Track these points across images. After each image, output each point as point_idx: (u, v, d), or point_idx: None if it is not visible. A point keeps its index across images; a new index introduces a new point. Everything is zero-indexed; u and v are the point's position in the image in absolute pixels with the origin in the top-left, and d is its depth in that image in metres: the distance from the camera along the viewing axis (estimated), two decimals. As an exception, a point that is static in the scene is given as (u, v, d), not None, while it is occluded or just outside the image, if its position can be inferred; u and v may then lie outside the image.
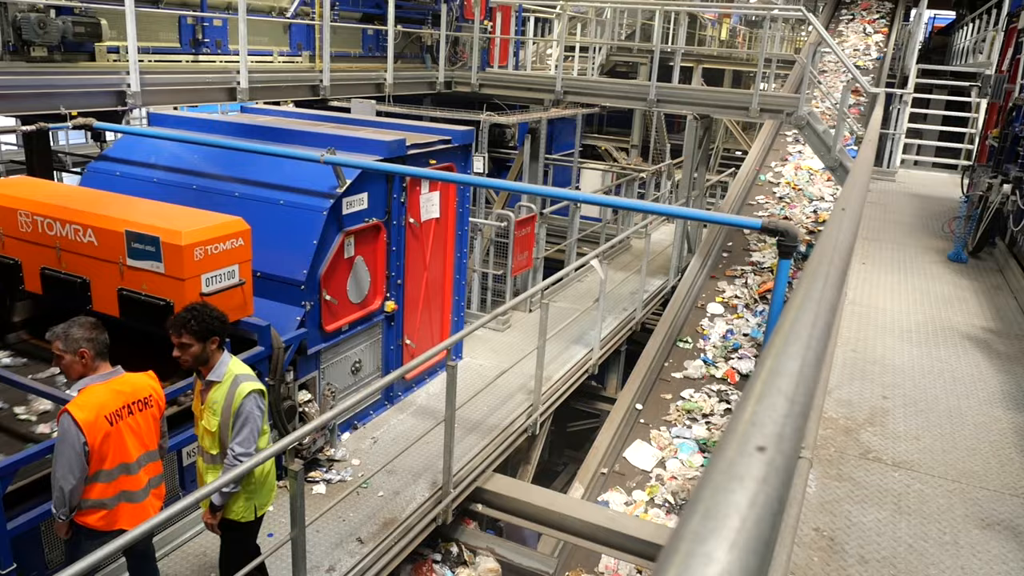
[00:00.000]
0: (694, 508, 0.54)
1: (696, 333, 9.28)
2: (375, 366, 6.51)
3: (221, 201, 5.80)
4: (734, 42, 29.75)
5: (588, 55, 16.63)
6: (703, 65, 18.85)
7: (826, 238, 1.40)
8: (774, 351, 0.81)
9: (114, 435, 3.47)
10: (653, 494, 6.79)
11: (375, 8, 11.57)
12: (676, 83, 11.13)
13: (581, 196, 6.27)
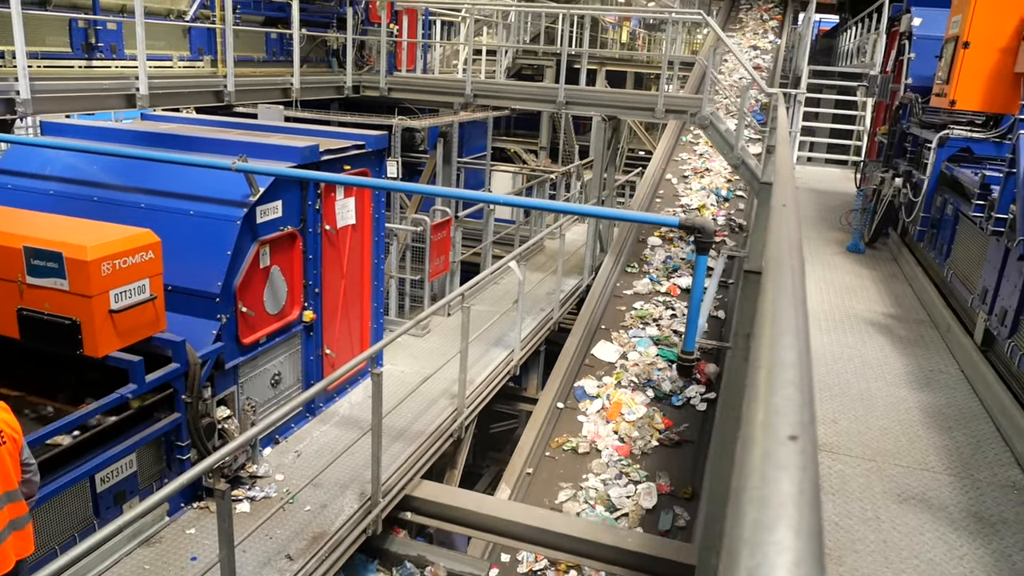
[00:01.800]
0: (746, 497, 0.55)
1: (640, 260, 11.19)
2: (295, 378, 6.35)
3: (126, 213, 5.54)
4: (634, 45, 30.52)
5: (495, 58, 16.72)
6: (607, 67, 19.25)
7: (777, 234, 1.45)
8: (767, 344, 0.83)
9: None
10: (620, 378, 8.63)
11: (278, 12, 11.29)
12: (583, 85, 11.32)
13: (499, 198, 6.29)
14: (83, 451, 4.47)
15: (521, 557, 6.63)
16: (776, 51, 18.07)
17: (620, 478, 7.33)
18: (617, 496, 7.08)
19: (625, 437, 7.84)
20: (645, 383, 8.54)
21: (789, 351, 0.81)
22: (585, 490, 7.24)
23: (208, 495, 5.34)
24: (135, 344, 4.72)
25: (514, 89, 11.74)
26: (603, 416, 8.18)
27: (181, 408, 5.00)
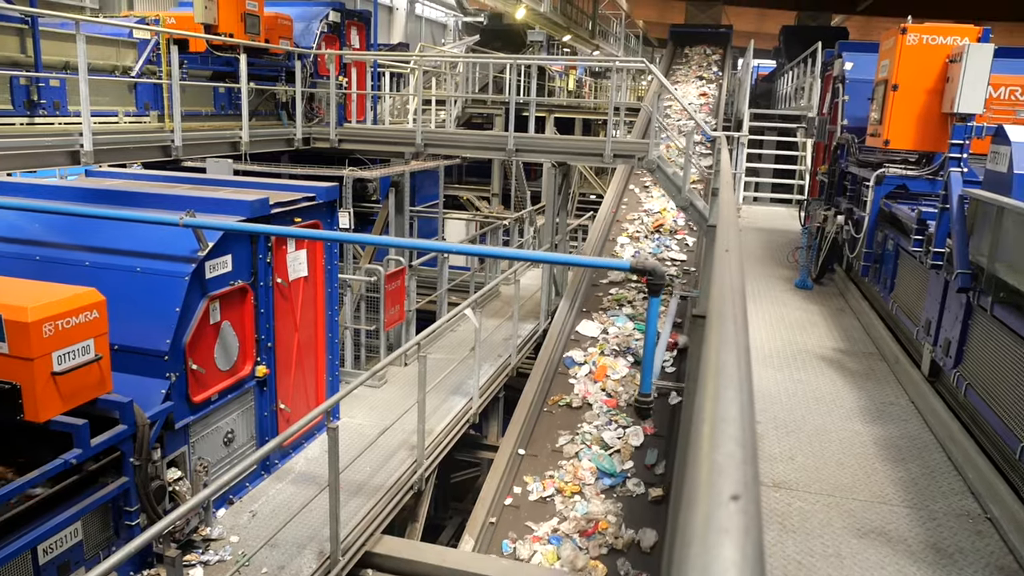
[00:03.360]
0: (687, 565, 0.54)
1: (612, 255, 11.98)
2: (249, 435, 6.20)
3: (69, 272, 5.41)
4: (581, 92, 31.17)
5: (445, 107, 16.91)
6: (555, 115, 19.58)
7: (719, 280, 1.47)
8: (710, 396, 0.84)
9: None
10: (603, 348, 9.83)
11: (225, 66, 11.28)
12: (532, 132, 11.49)
13: (453, 247, 6.31)
14: (24, 521, 4.28)
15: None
16: (719, 81, 18.74)
17: (610, 424, 8.53)
18: (609, 437, 8.23)
19: (612, 392, 9.07)
20: (625, 350, 9.85)
21: (731, 405, 0.81)
22: (582, 434, 8.36)
23: (159, 562, 5.13)
24: (80, 406, 4.56)
25: (464, 138, 11.87)
26: (591, 378, 9.38)
27: (129, 471, 4.83)
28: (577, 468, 7.81)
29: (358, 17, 14.36)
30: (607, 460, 7.81)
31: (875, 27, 27.56)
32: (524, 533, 7.04)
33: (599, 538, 6.91)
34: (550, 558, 6.67)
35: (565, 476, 7.76)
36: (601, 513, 7.21)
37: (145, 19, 11.71)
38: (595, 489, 7.54)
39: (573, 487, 7.52)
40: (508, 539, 6.94)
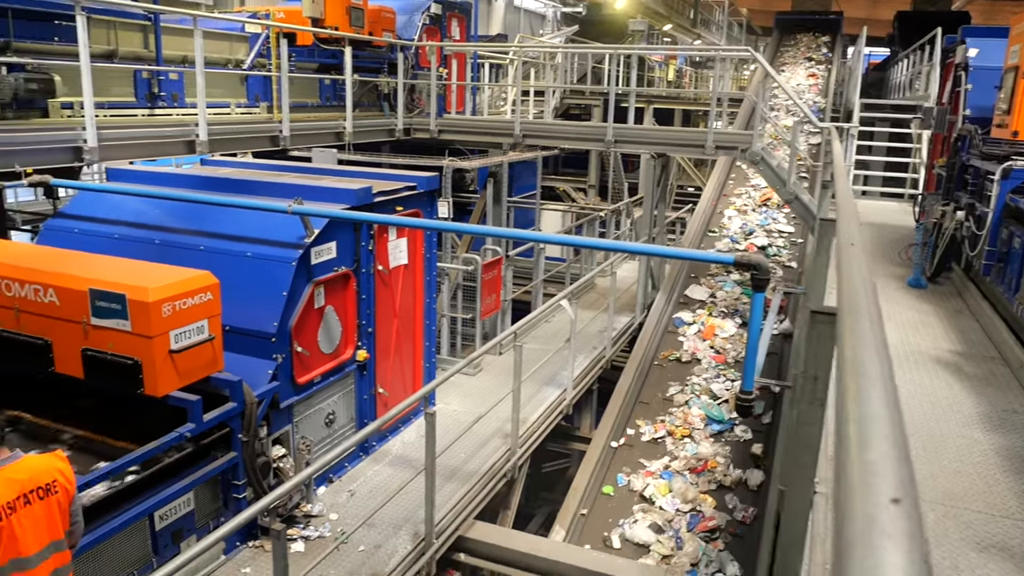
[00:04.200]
0: (853, 570, 0.51)
1: (720, 227, 12.89)
2: (349, 417, 6.38)
3: (186, 255, 5.68)
4: (680, 82, 30.57)
5: (543, 98, 16.89)
6: (654, 105, 19.27)
7: (848, 275, 1.40)
8: (853, 396, 0.79)
9: (5, 530, 3.16)
10: (711, 311, 10.61)
11: (331, 58, 11.59)
12: (631, 123, 11.34)
13: (550, 237, 6.29)
14: (143, 489, 4.54)
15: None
16: (828, 63, 18.20)
17: (719, 377, 9.17)
18: (717, 389, 8.83)
19: (720, 349, 9.75)
20: (733, 312, 10.51)
21: (878, 403, 0.76)
22: (691, 385, 9.06)
23: (263, 534, 5.36)
24: (193, 384, 4.80)
25: (562, 129, 11.82)
26: (700, 336, 10.03)
27: (238, 447, 5.05)
28: (687, 414, 8.55)
29: (458, 9, 14.48)
30: (716, 408, 8.47)
31: (1000, 12, 25.90)
32: (637, 468, 7.84)
33: (708, 475, 7.58)
34: (662, 490, 7.39)
35: (675, 421, 8.50)
36: (710, 454, 7.83)
37: (256, 14, 12.15)
38: (704, 433, 8.21)
39: (683, 431, 8.25)
40: (623, 472, 7.79)
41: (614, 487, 7.62)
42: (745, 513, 7.04)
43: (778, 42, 21.89)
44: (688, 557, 6.49)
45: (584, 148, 14.03)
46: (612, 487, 7.64)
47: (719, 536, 6.80)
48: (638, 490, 7.46)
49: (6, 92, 6.75)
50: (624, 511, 7.30)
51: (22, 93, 6.96)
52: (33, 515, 3.27)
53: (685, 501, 7.20)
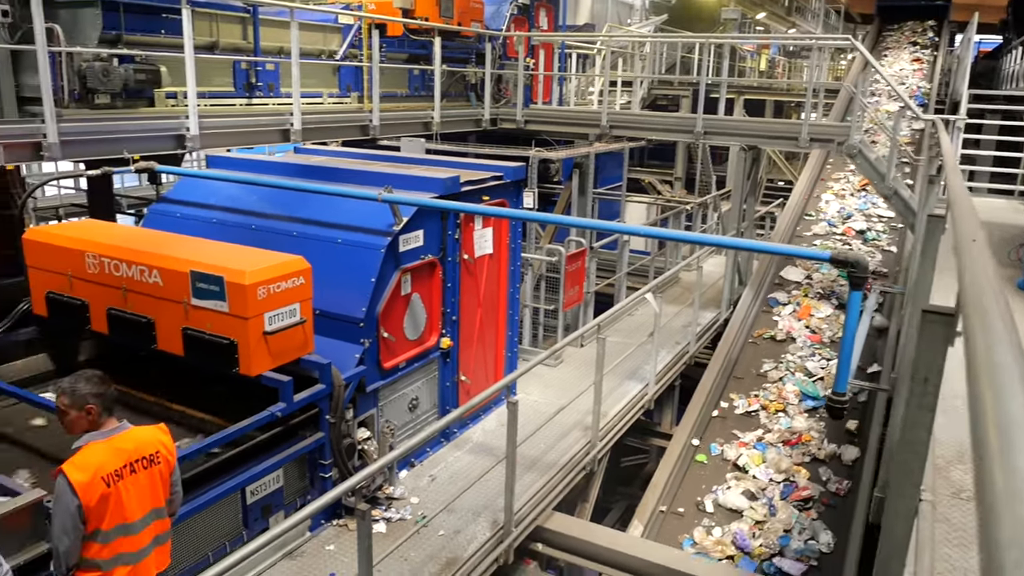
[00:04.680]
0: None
1: (816, 211, 12.79)
2: (432, 403, 6.47)
3: (280, 240, 5.85)
4: (773, 72, 29.69)
5: (631, 89, 16.68)
6: (744, 96, 18.78)
7: (971, 272, 1.31)
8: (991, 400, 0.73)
9: (112, 496, 3.33)
10: (807, 292, 10.64)
11: (420, 49, 11.74)
12: (721, 115, 11.08)
13: (636, 229, 6.21)
14: (236, 465, 4.71)
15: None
16: (933, 48, 17.41)
17: (814, 356, 9.23)
18: (812, 367, 8.90)
19: (816, 329, 9.76)
20: (830, 294, 10.50)
21: (1020, 408, 0.71)
22: (786, 362, 9.15)
23: (347, 513, 5.50)
24: (285, 365, 4.95)
25: (650, 119, 11.64)
26: (795, 316, 10.08)
27: (325, 428, 5.19)
28: (781, 390, 8.67)
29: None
30: (810, 385, 8.53)
31: None
32: (730, 439, 8.01)
33: (802, 448, 7.67)
34: (755, 460, 7.53)
35: (769, 396, 8.63)
36: (804, 428, 7.93)
37: (349, 5, 12.40)
38: (798, 408, 8.30)
39: (777, 405, 8.39)
40: (716, 443, 7.95)
41: (707, 456, 7.86)
42: (839, 485, 7.10)
43: (879, 29, 20.98)
44: (781, 524, 6.63)
45: (672, 140, 13.79)
46: (705, 456, 7.88)
47: (812, 506, 6.91)
48: (731, 459, 7.67)
49: (117, 82, 7.08)
50: (718, 478, 7.49)
51: (131, 83, 7.29)
52: (137, 483, 3.44)
53: (779, 471, 7.34)
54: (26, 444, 5.04)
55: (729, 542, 6.53)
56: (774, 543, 6.43)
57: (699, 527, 6.82)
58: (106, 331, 5.34)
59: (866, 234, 12.03)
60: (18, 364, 5.78)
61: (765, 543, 6.43)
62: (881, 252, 11.47)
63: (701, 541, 6.61)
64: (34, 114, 6.33)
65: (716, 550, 6.45)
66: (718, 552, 6.43)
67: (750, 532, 6.62)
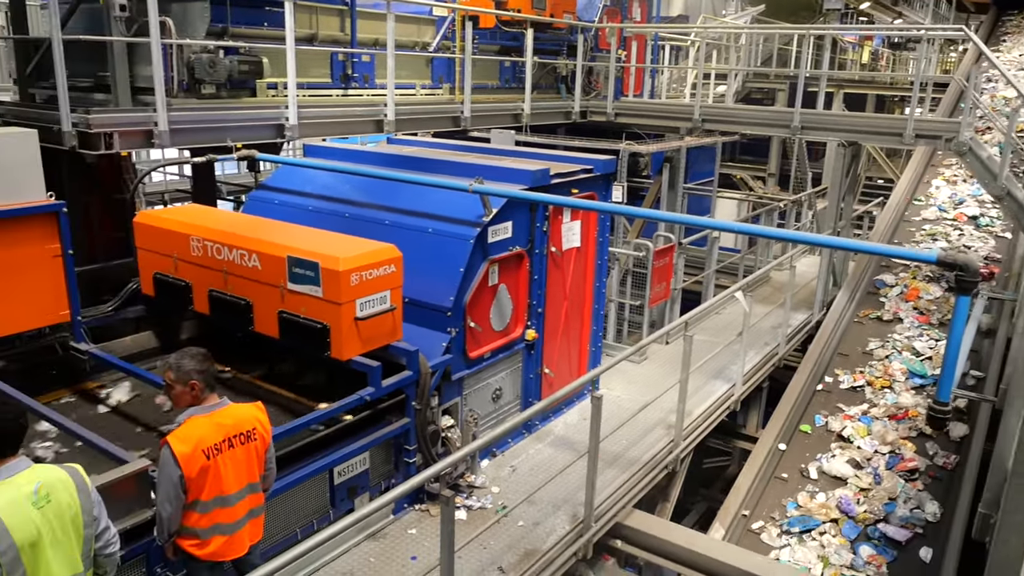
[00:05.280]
0: None
1: (926, 196, 12.68)
2: (515, 394, 6.50)
3: (372, 229, 5.97)
4: (876, 65, 28.47)
5: (725, 82, 16.30)
6: (844, 90, 18.08)
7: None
8: None
9: (212, 469, 3.50)
10: (915, 274, 10.62)
11: (512, 41, 11.76)
12: (820, 109, 10.69)
13: (731, 225, 6.05)
14: (325, 445, 4.85)
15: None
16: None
17: (921, 336, 9.25)
18: (920, 346, 8.93)
19: (924, 311, 9.78)
20: (939, 276, 10.40)
21: None
22: (892, 341, 9.22)
23: (429, 499, 5.59)
24: (374, 350, 5.06)
25: (745, 113, 11.36)
26: (902, 298, 10.14)
27: (411, 414, 5.28)
28: (888, 367, 8.70)
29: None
30: (918, 364, 8.54)
31: None
32: (834, 412, 8.13)
33: (908, 422, 7.71)
34: (861, 432, 7.64)
35: (875, 372, 8.70)
36: (911, 404, 7.95)
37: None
38: (905, 385, 8.34)
39: (883, 381, 8.47)
40: (820, 414, 8.10)
41: (812, 426, 7.98)
42: (947, 460, 7.11)
43: (995, 20, 19.82)
44: (886, 492, 6.74)
45: (767, 134, 13.42)
46: (810, 426, 7.99)
47: (918, 477, 6.97)
48: (836, 430, 7.79)
49: (222, 73, 7.35)
50: (822, 447, 7.61)
51: (235, 74, 7.56)
52: (235, 458, 3.59)
53: (884, 443, 7.43)
54: (134, 417, 5.31)
55: (833, 506, 6.72)
56: (879, 509, 6.56)
57: (802, 492, 7.02)
58: (207, 312, 5.57)
59: (979, 220, 11.67)
60: (127, 340, 6.12)
61: (870, 509, 6.57)
62: (995, 238, 11.11)
63: (805, 504, 6.82)
64: (146, 103, 6.64)
65: (820, 512, 6.66)
66: (822, 515, 6.62)
67: (855, 498, 6.75)
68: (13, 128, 5.63)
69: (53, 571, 2.88)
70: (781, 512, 6.83)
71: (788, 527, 6.60)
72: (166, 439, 3.48)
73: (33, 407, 4.44)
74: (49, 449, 4.75)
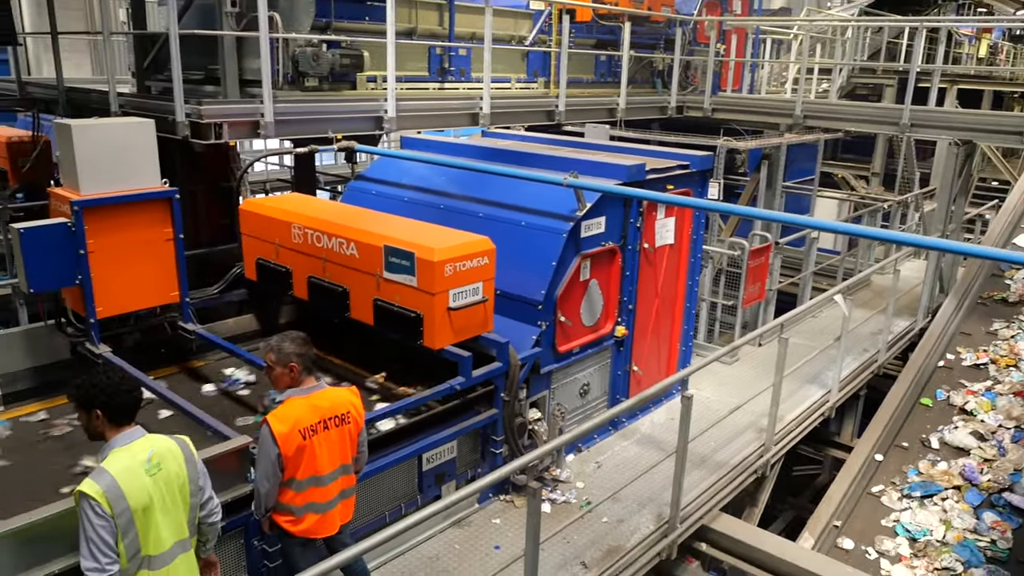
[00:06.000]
0: None
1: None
2: (602, 390, 6.47)
3: (465, 221, 6.03)
4: (995, 59, 26.91)
5: (828, 77, 15.72)
6: (958, 86, 17.15)
7: None
8: None
9: (307, 449, 3.61)
10: None
11: (608, 34, 11.67)
12: (931, 106, 10.19)
13: (833, 225, 5.81)
14: (416, 431, 4.94)
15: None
16: None
17: None
18: None
19: None
20: None
21: None
22: (1018, 322, 9.45)
23: (514, 490, 5.63)
24: (465, 341, 5.11)
25: (849, 110, 10.91)
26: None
27: (499, 405, 5.33)
28: (1013, 346, 8.81)
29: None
30: None
31: None
32: (956, 387, 8.28)
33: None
34: (984, 407, 7.72)
35: (1000, 351, 8.80)
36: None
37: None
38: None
39: (1009, 360, 8.54)
40: (942, 388, 8.26)
41: (933, 400, 8.14)
42: None
43: None
44: (1012, 463, 6.78)
45: (872, 132, 12.87)
46: (931, 399, 8.15)
47: None
48: (958, 404, 7.90)
49: (325, 67, 7.56)
50: (943, 420, 7.76)
51: (337, 68, 7.76)
52: (329, 440, 3.71)
53: (1009, 418, 7.46)
54: (235, 396, 5.54)
55: (956, 473, 6.83)
56: (1004, 479, 6.64)
57: (923, 460, 7.12)
58: (306, 297, 5.76)
59: None
60: (230, 322, 6.39)
61: (994, 478, 6.67)
62: None
63: (927, 471, 6.94)
64: (252, 95, 6.89)
65: (943, 479, 6.79)
66: (944, 481, 6.82)
67: (978, 468, 6.84)
68: (133, 118, 5.95)
69: (162, 535, 3.05)
70: (902, 478, 7.00)
71: (909, 491, 6.75)
72: (266, 418, 3.62)
73: (145, 382, 4.69)
74: (158, 422, 5.01)
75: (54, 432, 4.87)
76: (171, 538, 3.10)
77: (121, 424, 3.09)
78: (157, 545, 3.04)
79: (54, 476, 4.32)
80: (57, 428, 4.91)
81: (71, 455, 4.55)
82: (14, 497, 4.07)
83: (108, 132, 5.19)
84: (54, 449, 4.70)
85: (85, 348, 5.29)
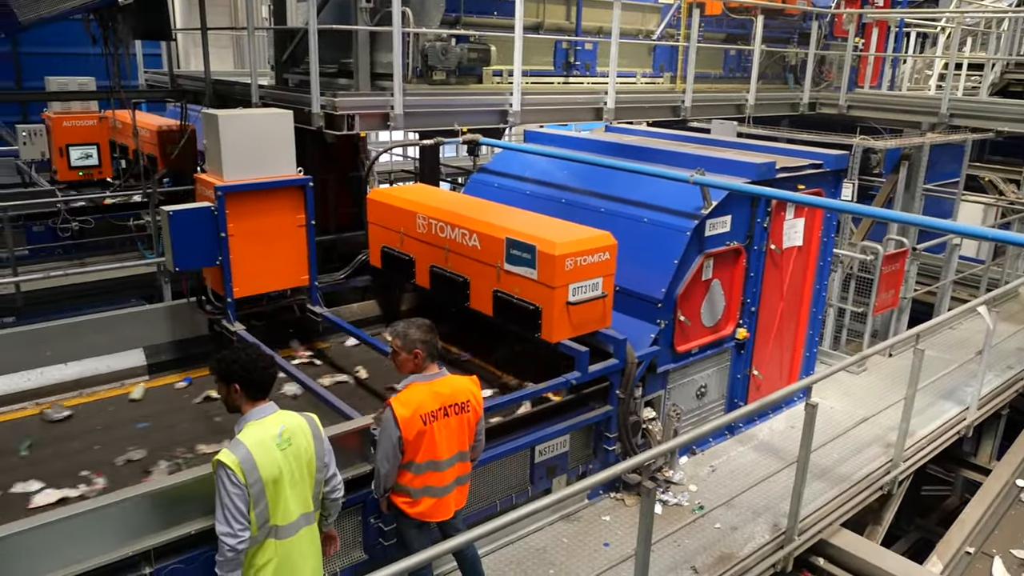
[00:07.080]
0: None
1: None
2: (720, 393, 6.31)
3: (587, 215, 6.01)
4: None
5: (979, 73, 14.66)
6: None
7: None
8: None
9: (427, 434, 3.68)
10: None
11: (739, 28, 11.33)
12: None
13: (979, 231, 5.39)
14: (530, 423, 4.98)
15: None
16: None
17: None
18: None
19: None
20: None
21: None
22: None
23: (624, 488, 5.58)
24: (582, 336, 5.10)
25: (1003, 108, 10.16)
26: None
27: (614, 402, 5.29)
28: None
29: (886, -28, 13.14)
30: None
31: None
32: None
33: None
34: None
35: None
36: None
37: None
38: None
39: None
40: None
41: None
42: None
43: None
44: None
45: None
46: None
47: None
48: None
49: (452, 61, 7.71)
50: None
51: (464, 62, 7.90)
52: (448, 426, 3.78)
53: None
54: (358, 380, 5.75)
55: None
56: None
57: None
58: (427, 286, 5.90)
59: None
60: (354, 307, 6.64)
61: None
62: None
63: None
64: (383, 88, 7.11)
65: None
66: None
67: None
68: (273, 109, 6.26)
69: (290, 507, 3.21)
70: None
71: None
72: (389, 402, 3.73)
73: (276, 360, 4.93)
74: (287, 399, 5.27)
75: (195, 401, 5.24)
76: (297, 510, 3.25)
77: (256, 399, 3.26)
78: (285, 516, 3.19)
79: (188, 439, 4.64)
80: (195, 396, 5.30)
81: (205, 425, 4.88)
82: (152, 455, 4.43)
83: (251, 122, 5.48)
84: (192, 416, 5.05)
85: (221, 326, 5.62)
